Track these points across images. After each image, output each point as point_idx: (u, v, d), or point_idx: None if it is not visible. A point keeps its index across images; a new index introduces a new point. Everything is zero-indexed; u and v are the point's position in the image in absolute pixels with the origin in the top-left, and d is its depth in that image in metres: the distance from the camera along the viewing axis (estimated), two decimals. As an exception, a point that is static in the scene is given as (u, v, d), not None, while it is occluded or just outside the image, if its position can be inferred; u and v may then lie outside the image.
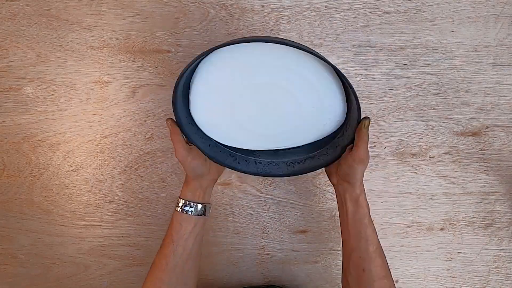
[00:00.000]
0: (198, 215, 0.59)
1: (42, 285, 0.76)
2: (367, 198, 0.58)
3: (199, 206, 0.59)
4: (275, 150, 0.65)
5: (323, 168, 0.64)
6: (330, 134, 0.62)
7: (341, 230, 0.59)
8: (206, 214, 0.61)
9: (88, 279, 0.76)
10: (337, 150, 0.61)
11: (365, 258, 0.55)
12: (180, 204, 0.59)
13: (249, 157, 0.65)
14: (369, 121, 0.53)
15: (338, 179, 0.60)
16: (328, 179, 0.64)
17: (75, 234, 0.76)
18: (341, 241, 0.59)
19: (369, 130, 0.54)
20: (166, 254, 0.57)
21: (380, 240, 0.76)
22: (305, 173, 0.64)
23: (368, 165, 0.57)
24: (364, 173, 0.58)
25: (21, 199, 0.75)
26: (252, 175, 0.65)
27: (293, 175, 0.64)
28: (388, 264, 0.76)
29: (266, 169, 0.65)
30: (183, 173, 0.70)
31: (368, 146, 0.55)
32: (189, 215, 0.58)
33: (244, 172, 0.65)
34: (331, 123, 0.59)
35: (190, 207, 0.59)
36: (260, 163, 0.65)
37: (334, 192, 0.62)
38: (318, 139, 0.63)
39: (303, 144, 0.64)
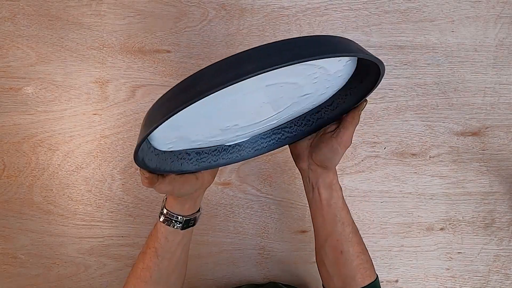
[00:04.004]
0: (184, 228, 0.52)
1: (42, 285, 0.76)
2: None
3: (189, 220, 0.52)
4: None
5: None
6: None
7: (313, 215, 0.55)
8: (196, 224, 0.53)
9: (88, 279, 0.76)
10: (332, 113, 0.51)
11: (343, 241, 0.52)
12: (165, 217, 0.51)
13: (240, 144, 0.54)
14: (366, 103, 0.49)
15: (310, 164, 0.53)
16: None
17: (75, 234, 0.76)
18: (312, 225, 0.56)
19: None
20: (150, 267, 0.52)
21: (380, 240, 0.76)
22: (296, 140, 0.55)
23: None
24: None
25: (21, 199, 0.75)
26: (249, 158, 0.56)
27: (284, 145, 0.55)
28: (388, 264, 0.76)
29: (258, 148, 0.55)
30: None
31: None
32: (175, 229, 0.51)
33: (243, 160, 0.55)
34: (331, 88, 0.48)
35: (178, 222, 0.51)
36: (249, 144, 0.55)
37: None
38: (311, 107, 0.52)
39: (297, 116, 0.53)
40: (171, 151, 0.47)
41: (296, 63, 0.31)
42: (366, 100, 0.48)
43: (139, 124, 0.75)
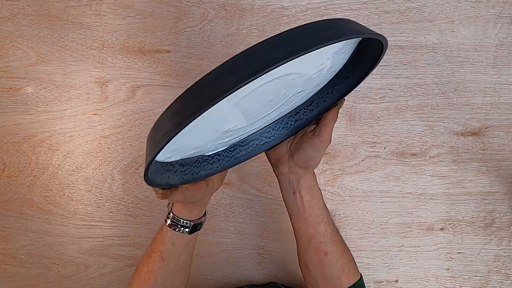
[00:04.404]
0: (190, 233, 0.52)
1: (42, 285, 0.76)
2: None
3: (196, 224, 0.52)
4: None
5: (295, 161, 0.54)
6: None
7: (293, 219, 0.54)
8: (201, 228, 0.54)
9: (88, 279, 0.76)
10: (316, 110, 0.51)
11: (326, 241, 0.52)
12: (172, 222, 0.51)
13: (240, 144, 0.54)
14: (344, 101, 0.50)
15: (291, 166, 0.53)
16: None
17: (75, 234, 0.76)
18: (293, 231, 0.55)
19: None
20: (155, 270, 0.52)
21: (380, 240, 0.76)
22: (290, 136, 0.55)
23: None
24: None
25: (21, 199, 0.75)
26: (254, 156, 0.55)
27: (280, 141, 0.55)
28: (388, 264, 0.76)
29: (259, 146, 0.54)
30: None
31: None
32: (181, 233, 0.52)
33: (246, 159, 0.54)
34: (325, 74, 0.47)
35: (186, 227, 0.51)
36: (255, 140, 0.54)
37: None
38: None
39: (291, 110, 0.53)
40: (160, 162, 0.45)
41: (334, 43, 0.31)
42: (344, 99, 0.49)
43: (139, 124, 0.75)
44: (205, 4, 0.74)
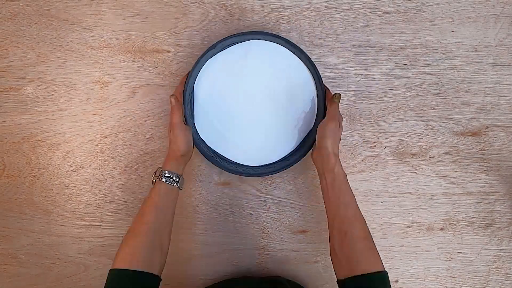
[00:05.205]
0: (179, 186, 0.63)
1: (42, 285, 0.76)
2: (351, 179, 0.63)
3: (182, 179, 0.64)
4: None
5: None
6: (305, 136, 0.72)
7: (324, 201, 0.63)
8: (183, 186, 0.65)
9: (88, 279, 0.76)
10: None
11: (345, 222, 0.59)
12: (167, 176, 0.62)
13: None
14: (340, 96, 0.65)
15: (316, 154, 0.65)
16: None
17: (75, 234, 0.76)
18: (326, 213, 0.62)
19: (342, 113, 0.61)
20: (149, 221, 0.59)
21: (380, 240, 0.76)
22: (288, 167, 0.72)
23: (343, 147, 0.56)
24: (340, 147, 0.65)
25: (21, 199, 0.75)
26: (227, 171, 0.72)
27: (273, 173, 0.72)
28: (388, 264, 0.76)
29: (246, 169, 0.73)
30: (168, 149, 0.69)
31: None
32: (174, 186, 0.62)
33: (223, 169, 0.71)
34: (304, 118, 0.71)
35: (177, 179, 0.62)
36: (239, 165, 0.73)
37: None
38: (298, 143, 0.72)
39: (283, 156, 0.73)
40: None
41: None
42: (338, 93, 0.66)
43: (139, 124, 0.75)
44: (205, 4, 0.74)
